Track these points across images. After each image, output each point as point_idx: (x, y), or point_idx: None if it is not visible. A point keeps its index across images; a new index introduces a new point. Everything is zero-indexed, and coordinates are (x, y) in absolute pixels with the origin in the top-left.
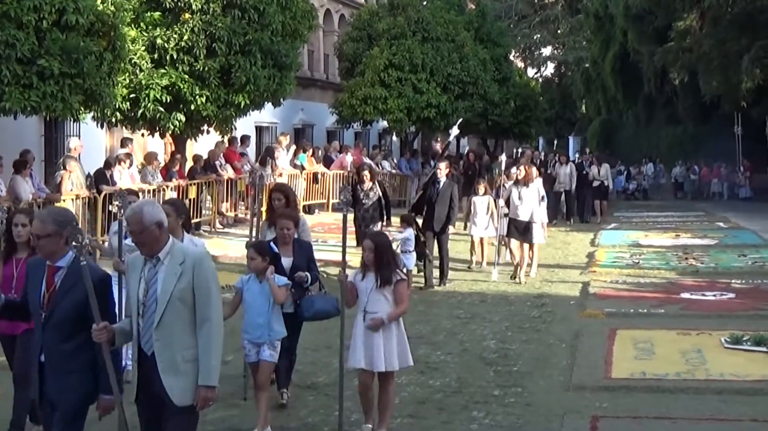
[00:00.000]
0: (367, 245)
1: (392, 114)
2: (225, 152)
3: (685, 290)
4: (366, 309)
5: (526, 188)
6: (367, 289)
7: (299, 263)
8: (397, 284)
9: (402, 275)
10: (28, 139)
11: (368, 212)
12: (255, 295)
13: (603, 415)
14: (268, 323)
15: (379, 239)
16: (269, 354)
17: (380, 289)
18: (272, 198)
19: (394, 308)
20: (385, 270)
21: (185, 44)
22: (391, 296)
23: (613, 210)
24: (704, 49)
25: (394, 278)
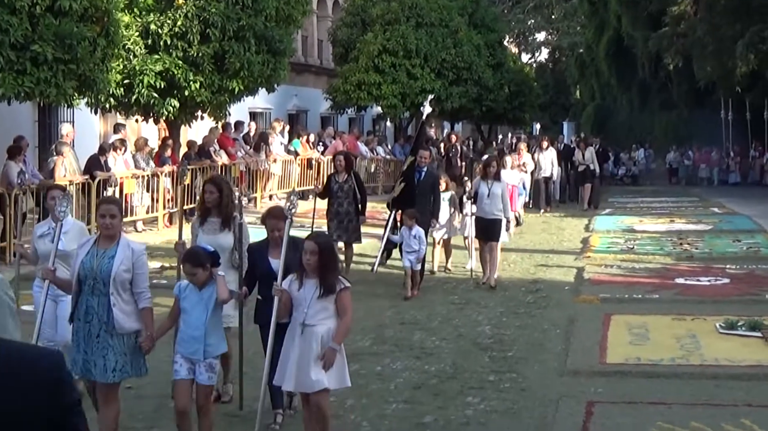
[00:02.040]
0: (308, 248)
1: (386, 100)
2: (219, 137)
3: (680, 275)
4: (305, 322)
5: (497, 182)
6: (306, 299)
7: (291, 264)
8: (340, 294)
9: (345, 282)
10: (22, 125)
11: (342, 206)
12: (193, 304)
13: (598, 400)
14: (204, 336)
15: (323, 240)
16: (207, 376)
17: (322, 299)
18: (205, 191)
19: (338, 324)
20: (329, 277)
21: (179, 30)
22: (333, 307)
23: (607, 196)
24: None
25: (338, 286)
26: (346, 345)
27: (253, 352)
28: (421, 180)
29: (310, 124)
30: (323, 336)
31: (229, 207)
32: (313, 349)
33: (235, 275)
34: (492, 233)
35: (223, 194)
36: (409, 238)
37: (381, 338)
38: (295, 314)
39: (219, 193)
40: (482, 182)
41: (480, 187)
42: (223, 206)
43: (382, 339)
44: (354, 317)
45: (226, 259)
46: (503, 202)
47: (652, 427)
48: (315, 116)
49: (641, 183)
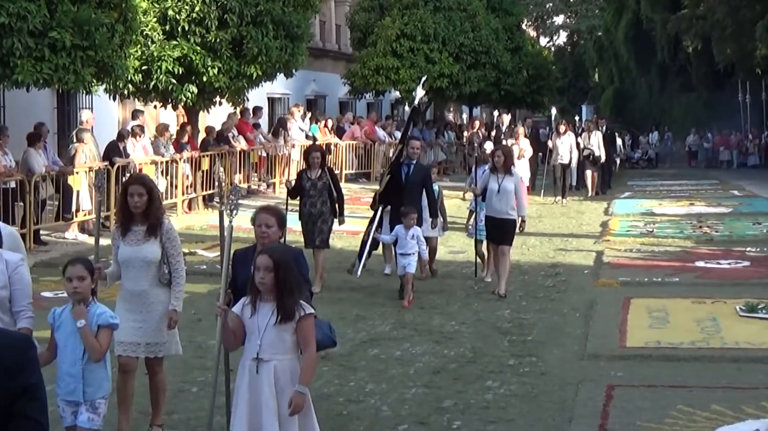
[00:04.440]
0: (261, 263)
1: (404, 84)
2: (237, 123)
3: (700, 258)
4: (259, 356)
5: (509, 176)
6: (259, 327)
7: None
8: (301, 322)
9: (309, 308)
10: (41, 111)
11: (315, 206)
12: (67, 335)
13: (618, 384)
14: (82, 373)
15: (279, 254)
16: (87, 417)
17: (279, 326)
18: (128, 193)
19: (302, 360)
20: (287, 300)
21: (197, 15)
22: (292, 338)
23: (626, 179)
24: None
25: (297, 312)
26: (368, 330)
27: None
28: (410, 174)
29: (329, 109)
30: (279, 375)
31: (158, 212)
32: (265, 390)
33: (165, 293)
34: (504, 235)
35: (152, 196)
36: (405, 239)
37: (401, 322)
38: (247, 346)
39: (149, 195)
40: (492, 176)
41: (489, 181)
42: (151, 211)
43: (402, 323)
44: (373, 302)
45: (153, 274)
46: (517, 198)
47: (672, 410)
48: (333, 101)
49: (658, 166)
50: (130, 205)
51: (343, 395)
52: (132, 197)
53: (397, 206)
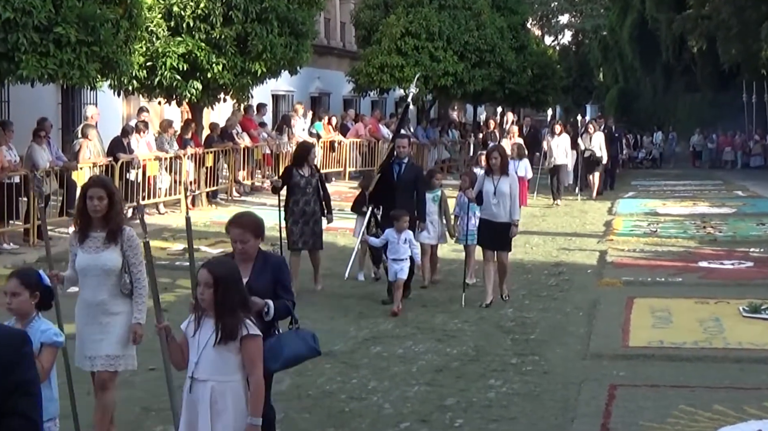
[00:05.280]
0: (202, 278)
1: (409, 82)
2: (241, 120)
3: (703, 258)
4: (194, 375)
5: (505, 177)
6: (199, 345)
7: (259, 287)
8: (245, 341)
9: (253, 328)
10: (46, 107)
11: (309, 204)
12: None
13: (620, 384)
14: None
15: (221, 268)
16: None
17: (219, 346)
18: (87, 196)
19: (250, 388)
20: (228, 319)
21: (202, 12)
22: (236, 359)
23: (630, 179)
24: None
25: (240, 331)
26: (371, 328)
27: None
28: (401, 174)
29: (333, 106)
30: (217, 397)
31: (119, 217)
32: (200, 412)
33: (127, 304)
34: (501, 241)
35: (113, 199)
36: (397, 243)
37: (403, 320)
38: (189, 364)
39: (109, 198)
40: (486, 178)
41: (484, 184)
42: (112, 215)
43: (404, 321)
44: (376, 299)
45: (113, 284)
46: (512, 201)
47: (674, 410)
48: (337, 99)
49: (662, 166)
50: (89, 209)
51: (346, 392)
52: (91, 201)
53: (389, 207)
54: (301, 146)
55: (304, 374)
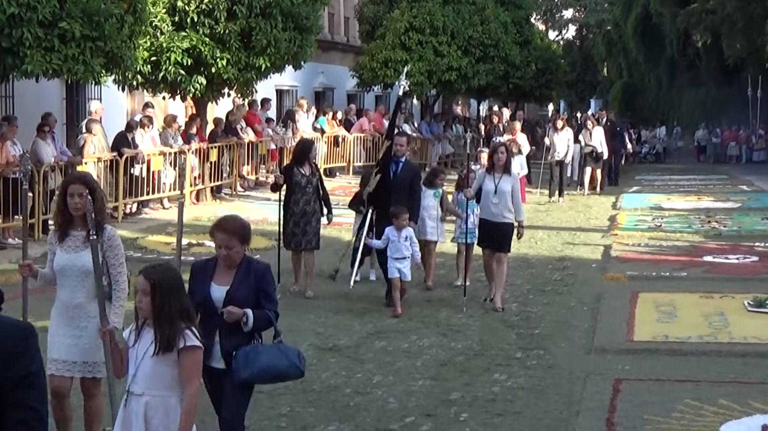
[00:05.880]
0: (140, 285)
1: (413, 77)
2: (246, 115)
3: (708, 253)
4: (130, 389)
5: (507, 176)
6: (138, 356)
7: (240, 296)
8: (183, 354)
9: (193, 339)
10: (50, 102)
11: (309, 203)
12: None
13: (625, 378)
14: None
15: (160, 275)
16: None
17: (157, 357)
18: (68, 193)
19: (182, 403)
20: (166, 328)
21: (206, 7)
22: (172, 373)
23: (634, 173)
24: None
25: (179, 341)
26: (375, 323)
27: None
28: (399, 173)
29: (337, 101)
30: (152, 413)
31: (101, 215)
32: (134, 428)
33: (107, 306)
34: (500, 241)
35: (95, 196)
36: (398, 241)
37: (407, 315)
38: (127, 377)
39: (91, 195)
40: (487, 176)
41: (485, 182)
42: (95, 213)
43: (409, 316)
44: (380, 294)
45: (91, 286)
46: (514, 201)
47: (679, 405)
48: (341, 94)
49: (665, 161)
50: (70, 206)
51: (351, 387)
52: (72, 198)
53: (385, 206)
54: (302, 143)
55: (309, 368)
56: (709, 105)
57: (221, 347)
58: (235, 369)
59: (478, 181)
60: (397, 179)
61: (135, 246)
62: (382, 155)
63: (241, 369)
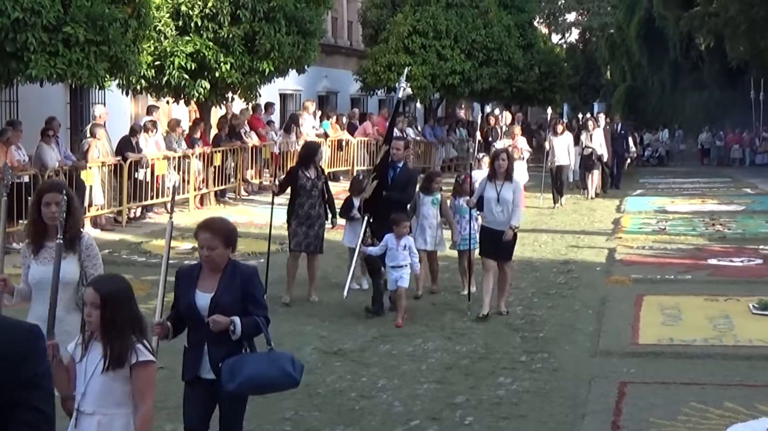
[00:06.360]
0: (88, 298)
1: (416, 81)
2: (249, 119)
3: (713, 256)
4: (79, 407)
5: (509, 183)
6: (87, 372)
7: (225, 303)
8: (135, 369)
9: (146, 353)
10: (54, 106)
11: (314, 207)
12: None
13: (630, 381)
14: None
15: (110, 286)
16: None
17: (108, 374)
18: (43, 202)
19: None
20: (117, 342)
21: (209, 11)
22: (125, 390)
23: (638, 177)
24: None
25: (131, 356)
26: (379, 326)
27: None
28: (395, 178)
29: (340, 105)
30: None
31: (78, 224)
32: None
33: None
34: (504, 250)
35: (71, 205)
36: (396, 249)
37: (412, 318)
38: (76, 394)
39: (68, 203)
40: (489, 183)
41: (486, 189)
42: (70, 223)
43: (413, 319)
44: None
45: (69, 298)
46: (514, 206)
47: (685, 407)
48: (345, 98)
49: (668, 164)
50: (46, 216)
51: (356, 390)
52: (48, 207)
53: (382, 213)
54: (308, 146)
55: (314, 372)
56: (712, 108)
57: (209, 356)
58: (222, 381)
59: (480, 188)
60: (394, 184)
61: (139, 251)
62: (379, 160)
63: (226, 382)
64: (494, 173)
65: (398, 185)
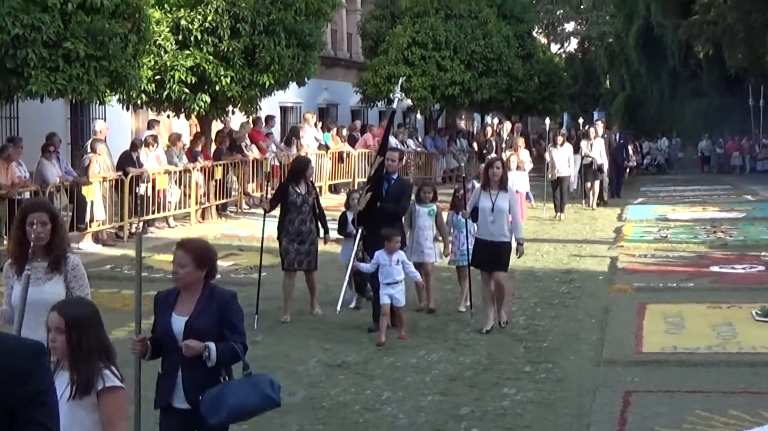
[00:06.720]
0: (52, 323)
1: (416, 92)
2: (250, 132)
3: (715, 263)
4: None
5: (504, 192)
6: None
7: (201, 327)
8: (103, 396)
9: (113, 379)
10: (54, 122)
11: (305, 223)
12: None
13: (635, 390)
14: None
15: (75, 310)
16: None
17: (74, 401)
18: (27, 222)
19: None
20: (83, 369)
21: (209, 25)
22: (92, 416)
23: (639, 185)
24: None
25: (98, 382)
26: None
27: None
28: (390, 190)
29: (341, 117)
30: None
31: (64, 243)
32: None
33: None
34: (498, 261)
35: (56, 224)
36: (389, 265)
37: (415, 330)
38: None
39: (51, 223)
40: (483, 193)
41: (480, 199)
42: (56, 241)
43: (416, 331)
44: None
45: None
46: (513, 218)
47: (690, 416)
48: (345, 110)
49: (668, 172)
50: (31, 236)
51: (360, 403)
52: (33, 227)
53: (376, 226)
54: (298, 161)
55: (318, 385)
56: (711, 115)
57: (184, 383)
58: (203, 414)
59: (474, 198)
60: (388, 197)
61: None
62: (373, 172)
63: (210, 416)
64: (488, 182)
65: (393, 196)
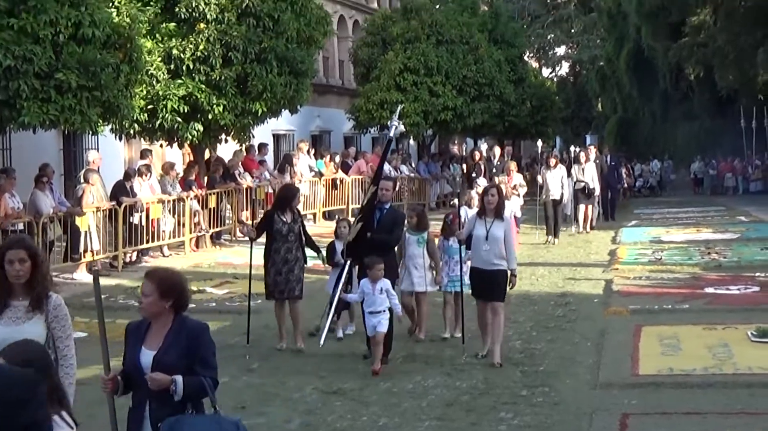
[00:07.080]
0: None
1: (409, 118)
2: (243, 160)
3: (709, 284)
4: None
5: (499, 220)
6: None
7: (169, 361)
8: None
9: (63, 425)
10: (47, 153)
11: (291, 251)
12: None
13: (632, 412)
14: None
15: (26, 353)
16: None
17: None
18: (6, 260)
19: None
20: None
21: (201, 54)
22: None
23: (632, 207)
24: (719, 44)
25: None
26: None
27: None
28: (381, 219)
29: (334, 144)
30: None
31: (45, 281)
32: None
33: None
34: (495, 290)
35: (36, 261)
36: (373, 294)
37: (411, 355)
38: None
39: (31, 260)
40: (478, 220)
41: (475, 226)
42: (37, 279)
43: (413, 356)
44: None
45: None
46: (507, 247)
47: None
48: (338, 137)
49: (660, 194)
50: (10, 274)
51: (356, 429)
52: (12, 265)
53: (366, 256)
54: (284, 189)
55: (314, 413)
56: (703, 137)
57: (151, 417)
58: None
59: (469, 226)
60: (380, 227)
61: (136, 295)
62: (366, 201)
63: None
64: (483, 210)
65: (385, 226)
